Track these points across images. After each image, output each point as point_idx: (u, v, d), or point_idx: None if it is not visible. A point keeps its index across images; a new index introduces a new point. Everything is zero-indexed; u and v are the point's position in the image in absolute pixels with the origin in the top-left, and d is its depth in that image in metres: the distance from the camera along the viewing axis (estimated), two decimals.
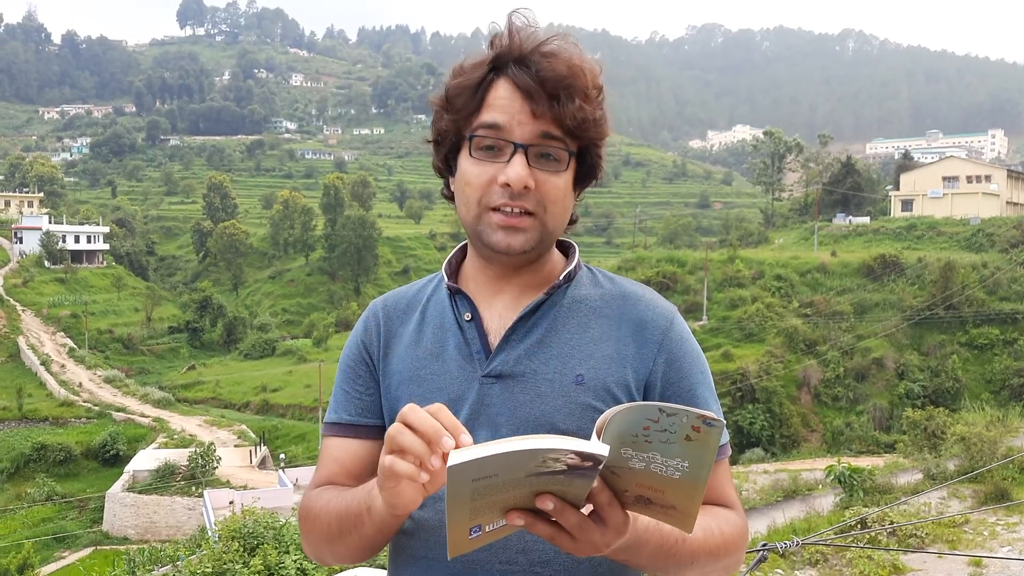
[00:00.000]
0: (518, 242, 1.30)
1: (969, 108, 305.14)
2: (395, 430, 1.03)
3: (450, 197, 1.40)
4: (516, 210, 1.29)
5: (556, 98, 1.26)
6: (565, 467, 0.97)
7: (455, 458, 0.92)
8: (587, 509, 1.06)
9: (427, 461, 1.01)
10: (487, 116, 1.28)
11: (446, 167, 1.39)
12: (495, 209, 1.29)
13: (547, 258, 1.43)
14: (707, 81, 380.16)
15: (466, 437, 1.01)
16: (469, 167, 1.31)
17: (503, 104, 1.27)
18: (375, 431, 1.41)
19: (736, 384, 37.48)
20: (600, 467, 0.98)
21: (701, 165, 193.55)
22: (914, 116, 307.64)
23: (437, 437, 1.00)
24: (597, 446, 0.97)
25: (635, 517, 1.11)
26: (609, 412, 0.99)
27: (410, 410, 1.03)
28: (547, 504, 1.02)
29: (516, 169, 1.26)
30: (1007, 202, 66.82)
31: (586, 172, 1.37)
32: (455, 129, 1.33)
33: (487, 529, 1.05)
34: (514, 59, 1.28)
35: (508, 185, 1.27)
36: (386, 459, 1.04)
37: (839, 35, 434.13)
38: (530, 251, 1.33)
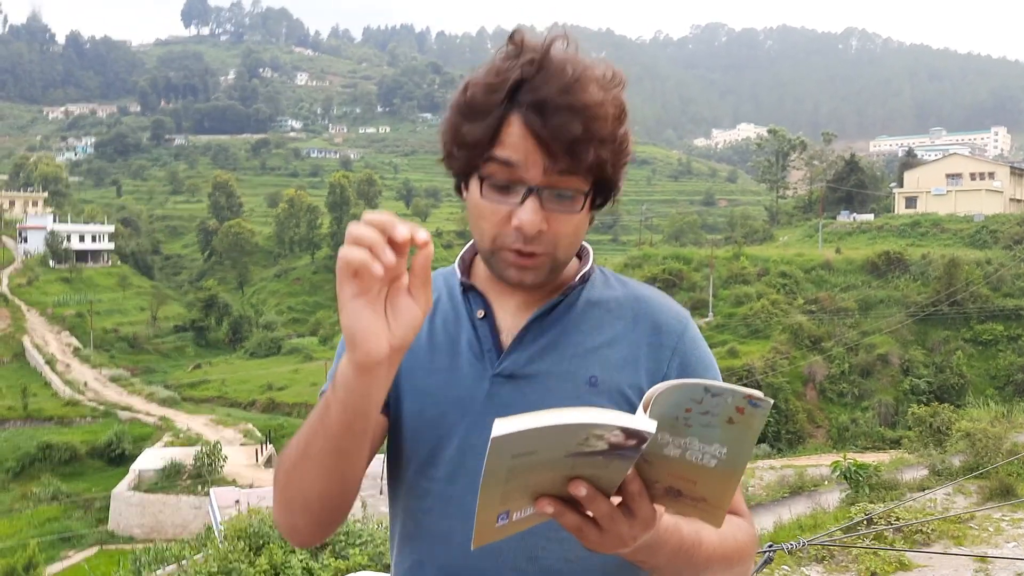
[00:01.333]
0: (530, 278, 1.28)
1: (972, 106, 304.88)
2: (352, 225, 0.98)
3: (459, 191, 1.36)
4: (529, 251, 1.25)
5: (572, 150, 1.19)
6: (607, 446, 0.93)
7: (500, 428, 0.88)
8: (615, 500, 1.03)
9: (380, 250, 0.96)
10: (500, 152, 1.21)
11: (459, 177, 1.35)
12: (508, 248, 1.26)
13: None
14: (711, 80, 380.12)
15: (422, 233, 0.98)
16: (482, 203, 1.26)
17: (516, 143, 1.20)
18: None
19: (742, 380, 37.39)
20: (644, 446, 0.94)
21: (706, 163, 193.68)
22: (917, 114, 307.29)
23: (392, 225, 0.96)
24: (645, 422, 0.93)
25: (659, 514, 1.07)
26: (655, 389, 0.95)
27: (367, 212, 0.99)
28: (580, 490, 0.98)
29: (528, 215, 1.21)
30: (1010, 199, 66.73)
31: (604, 193, 1.31)
32: (467, 163, 1.26)
33: (514, 517, 1.02)
34: (529, 102, 1.19)
35: (520, 229, 1.23)
36: (340, 250, 0.97)
37: (842, 34, 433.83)
38: (542, 281, 1.30)
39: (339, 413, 1.09)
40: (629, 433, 0.92)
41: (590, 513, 1.02)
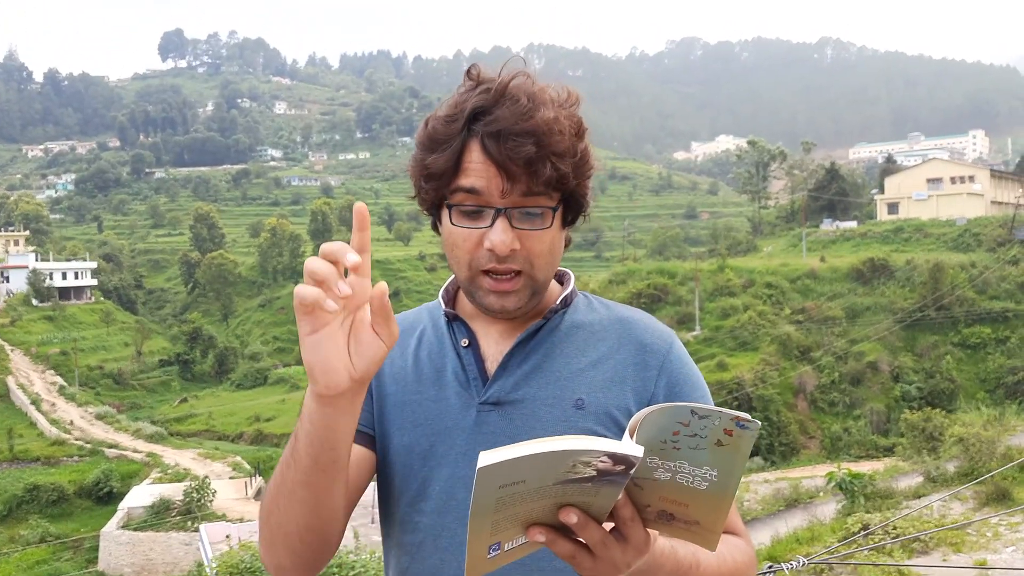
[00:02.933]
0: (511, 303, 1.30)
1: (949, 110, 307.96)
2: (308, 260, 0.98)
3: (436, 229, 1.39)
4: (505, 273, 1.28)
5: (530, 169, 1.23)
6: (595, 472, 0.93)
7: (486, 459, 0.88)
8: (608, 526, 1.02)
9: (333, 283, 0.96)
10: (465, 181, 1.25)
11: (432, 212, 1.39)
12: (485, 272, 1.29)
13: None
14: (688, 94, 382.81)
15: (353, 256, 0.98)
16: (455, 230, 1.29)
17: (478, 169, 1.25)
18: (366, 438, 1.37)
19: (732, 393, 37.34)
20: (632, 471, 0.94)
21: (686, 176, 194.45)
22: (895, 120, 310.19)
23: (342, 252, 0.97)
24: (631, 447, 0.92)
25: (653, 538, 1.07)
26: (641, 413, 0.95)
27: (325, 244, 0.99)
28: (571, 517, 0.97)
29: (499, 236, 1.24)
30: (991, 201, 67.23)
31: (574, 209, 1.35)
32: (435, 194, 1.31)
33: (506, 548, 1.01)
34: (486, 130, 1.24)
35: (492, 250, 1.26)
36: (296, 288, 0.98)
37: (817, 43, 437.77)
38: (524, 307, 1.32)
39: (306, 445, 1.10)
40: (616, 458, 0.91)
41: (582, 540, 1.02)
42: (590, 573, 1.04)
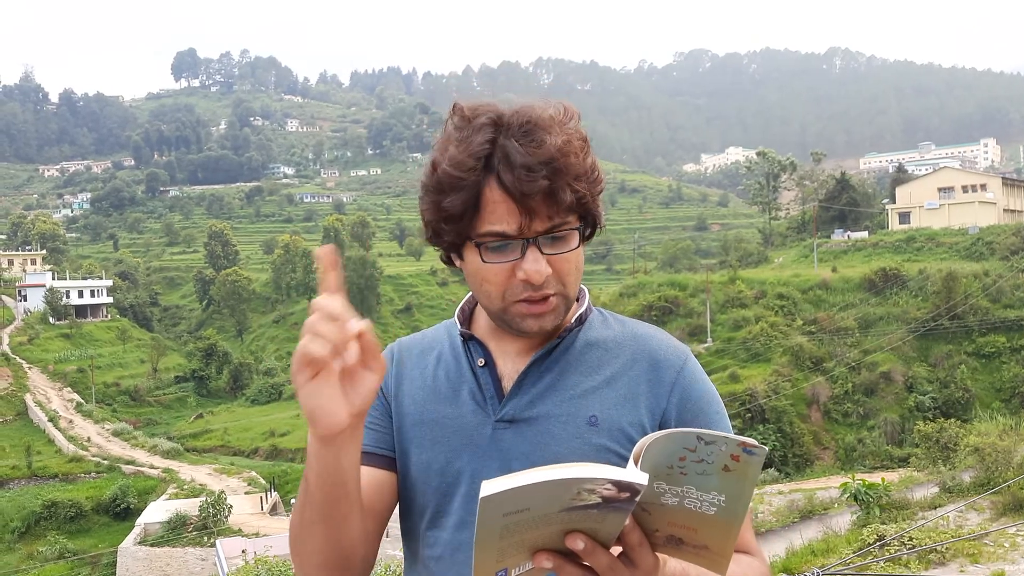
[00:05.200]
0: (549, 323, 1.32)
1: (959, 119, 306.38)
2: (311, 320, 1.02)
3: (449, 261, 1.40)
4: (539, 297, 1.30)
5: (551, 198, 1.24)
6: (600, 499, 0.93)
7: (488, 488, 0.89)
8: (616, 551, 1.03)
9: (342, 348, 1.02)
10: (490, 225, 1.26)
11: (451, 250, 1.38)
12: (519, 300, 1.30)
13: None
14: (697, 106, 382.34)
15: (355, 324, 1.03)
16: (484, 266, 1.30)
17: (500, 210, 1.25)
18: (387, 461, 1.41)
19: (745, 405, 37.30)
20: (637, 498, 0.93)
21: (697, 188, 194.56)
22: (905, 129, 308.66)
23: (344, 318, 1.01)
24: (636, 474, 0.92)
25: (663, 561, 1.08)
26: (646, 439, 0.95)
27: (321, 300, 1.03)
28: (578, 543, 0.98)
29: (532, 266, 1.26)
30: (1004, 209, 66.86)
31: (591, 224, 1.37)
32: (458, 236, 1.31)
33: (513, 574, 1.02)
34: (500, 168, 1.24)
35: (528, 280, 1.27)
36: (301, 343, 1.02)
37: (825, 54, 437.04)
38: (559, 322, 1.35)
39: (316, 485, 1.15)
40: (621, 486, 0.91)
41: (590, 565, 1.02)
42: None
